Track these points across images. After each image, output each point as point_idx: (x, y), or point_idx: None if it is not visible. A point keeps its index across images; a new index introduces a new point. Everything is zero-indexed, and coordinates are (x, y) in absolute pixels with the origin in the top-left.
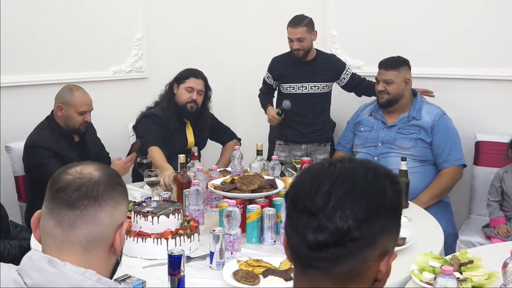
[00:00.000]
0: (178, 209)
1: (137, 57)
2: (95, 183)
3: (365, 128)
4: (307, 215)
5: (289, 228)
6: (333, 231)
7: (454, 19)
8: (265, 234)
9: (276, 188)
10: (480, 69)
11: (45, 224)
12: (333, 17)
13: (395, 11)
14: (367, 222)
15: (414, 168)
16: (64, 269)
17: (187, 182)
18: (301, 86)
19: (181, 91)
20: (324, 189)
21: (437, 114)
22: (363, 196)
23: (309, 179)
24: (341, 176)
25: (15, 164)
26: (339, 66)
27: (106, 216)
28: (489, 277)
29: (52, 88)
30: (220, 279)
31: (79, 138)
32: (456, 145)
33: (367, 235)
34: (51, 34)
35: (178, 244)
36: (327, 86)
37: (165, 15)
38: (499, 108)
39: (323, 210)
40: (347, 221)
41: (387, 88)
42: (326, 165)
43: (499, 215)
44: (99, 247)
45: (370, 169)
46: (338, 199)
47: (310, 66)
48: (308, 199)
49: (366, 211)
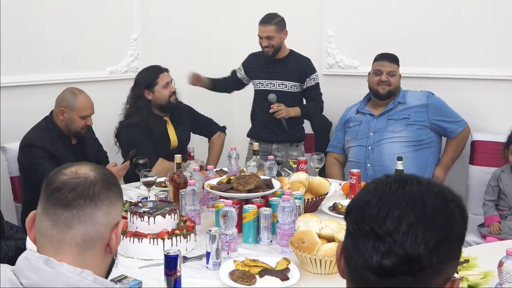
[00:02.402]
0: (174, 209)
1: (133, 57)
2: (91, 183)
3: (354, 123)
4: (374, 239)
5: (352, 249)
6: (403, 257)
7: (450, 18)
8: (262, 234)
9: (272, 188)
10: (476, 68)
11: (40, 224)
12: (329, 17)
13: (391, 11)
14: (436, 250)
15: (407, 153)
16: (60, 269)
17: (184, 182)
18: (270, 83)
19: (158, 92)
20: (394, 214)
21: (423, 94)
22: (434, 223)
23: (376, 201)
24: (412, 201)
25: (10, 164)
26: (307, 70)
27: (102, 216)
28: (485, 276)
29: (47, 88)
30: (216, 279)
31: (76, 141)
32: (453, 114)
33: (435, 264)
34: (47, 34)
35: (174, 244)
36: (295, 86)
37: (161, 15)
38: (494, 108)
39: (392, 236)
40: (417, 249)
41: (390, 80)
42: (394, 187)
43: (493, 214)
44: (95, 247)
45: (439, 193)
46: (409, 226)
47: (280, 64)
48: (376, 223)
49: (437, 240)
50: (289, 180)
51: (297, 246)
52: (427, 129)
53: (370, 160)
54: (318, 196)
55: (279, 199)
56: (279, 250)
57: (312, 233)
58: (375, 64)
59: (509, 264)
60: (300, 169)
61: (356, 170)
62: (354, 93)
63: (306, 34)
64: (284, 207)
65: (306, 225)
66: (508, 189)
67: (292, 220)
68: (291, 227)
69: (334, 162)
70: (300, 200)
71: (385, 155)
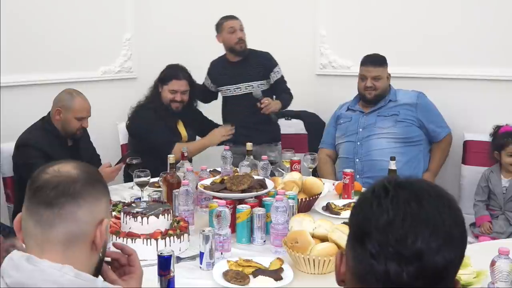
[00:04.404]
0: (167, 209)
1: (126, 57)
2: (72, 180)
3: (344, 120)
4: (399, 260)
5: (370, 268)
6: (431, 277)
7: (444, 19)
8: (255, 234)
9: (266, 188)
10: (467, 69)
11: (25, 224)
12: (322, 17)
13: (384, 12)
14: (459, 263)
15: (395, 149)
16: (41, 265)
17: (177, 182)
18: (236, 88)
19: (165, 92)
20: (424, 236)
21: (414, 94)
22: (455, 240)
23: (401, 224)
24: (433, 220)
25: (3, 165)
26: (270, 64)
27: (85, 213)
28: (478, 275)
29: (39, 89)
30: (210, 279)
31: (72, 143)
32: (439, 118)
33: (454, 274)
34: (39, 35)
35: (167, 244)
36: (262, 84)
37: (154, 15)
38: (487, 108)
39: (422, 258)
40: (446, 267)
41: (376, 84)
42: (414, 206)
43: (484, 214)
44: (79, 244)
45: (450, 206)
46: (438, 247)
47: (242, 66)
48: (404, 246)
49: (459, 254)
50: (283, 180)
51: (291, 246)
52: (416, 127)
53: (359, 155)
54: (311, 196)
55: (273, 199)
56: (272, 250)
57: (306, 233)
58: (361, 69)
59: (502, 263)
60: (294, 169)
61: (349, 170)
62: (347, 93)
63: (299, 34)
64: (278, 207)
65: (299, 225)
66: (498, 189)
67: (285, 220)
68: (285, 227)
69: (327, 160)
70: (293, 200)
71: (373, 150)
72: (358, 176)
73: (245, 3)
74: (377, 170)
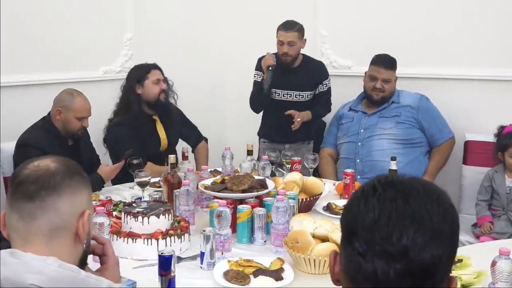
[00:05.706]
0: (168, 209)
1: (127, 57)
2: (52, 173)
3: (346, 120)
4: (386, 258)
5: (359, 267)
6: (419, 275)
7: (444, 19)
8: (256, 234)
9: (266, 188)
10: (469, 69)
11: (9, 219)
12: (323, 17)
13: (385, 11)
14: (449, 262)
15: (396, 150)
16: (25, 258)
17: (178, 182)
18: (286, 94)
19: (147, 87)
20: (408, 234)
21: (416, 96)
22: (444, 237)
23: (387, 221)
24: (420, 217)
25: (4, 165)
26: (321, 77)
27: (65, 204)
28: (478, 275)
29: (40, 89)
30: (210, 279)
31: (72, 143)
32: (441, 122)
33: (446, 272)
34: (39, 35)
35: (168, 244)
36: (310, 94)
37: (155, 15)
38: (488, 108)
39: (408, 255)
40: (434, 265)
41: (385, 87)
42: (400, 203)
43: (486, 214)
44: (62, 236)
45: (439, 202)
46: (424, 244)
47: (295, 74)
48: (390, 243)
49: (449, 251)
50: (283, 180)
51: (291, 246)
52: (417, 129)
53: (360, 156)
54: (312, 196)
55: (273, 199)
56: (273, 250)
57: (306, 233)
58: (371, 68)
59: (502, 263)
60: (294, 169)
61: (350, 170)
62: (348, 93)
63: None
64: (278, 207)
65: (300, 225)
66: (501, 189)
67: (286, 220)
68: (285, 227)
69: (328, 159)
70: (294, 200)
71: (374, 151)
72: (359, 176)
73: (245, 3)
74: (378, 170)
